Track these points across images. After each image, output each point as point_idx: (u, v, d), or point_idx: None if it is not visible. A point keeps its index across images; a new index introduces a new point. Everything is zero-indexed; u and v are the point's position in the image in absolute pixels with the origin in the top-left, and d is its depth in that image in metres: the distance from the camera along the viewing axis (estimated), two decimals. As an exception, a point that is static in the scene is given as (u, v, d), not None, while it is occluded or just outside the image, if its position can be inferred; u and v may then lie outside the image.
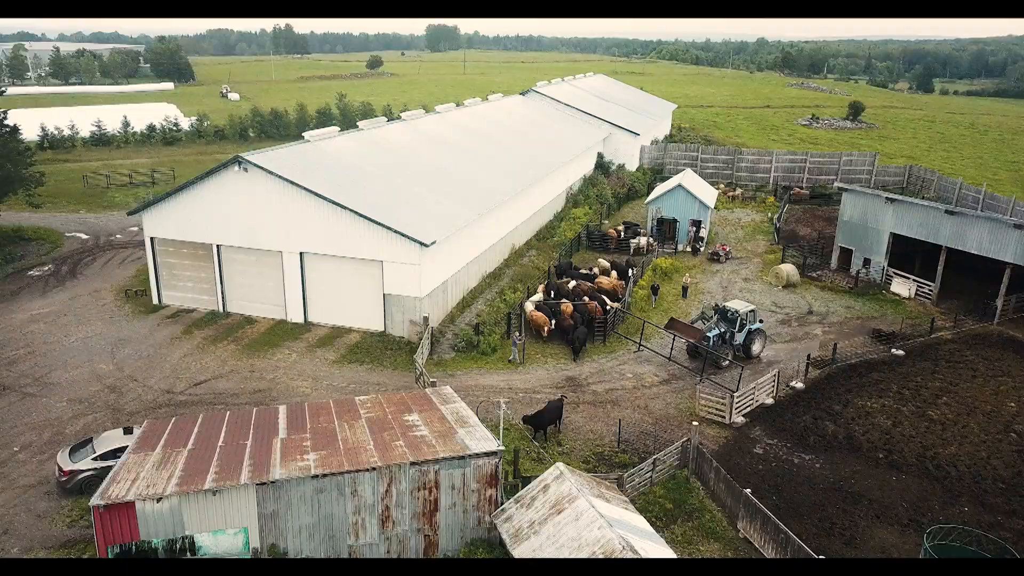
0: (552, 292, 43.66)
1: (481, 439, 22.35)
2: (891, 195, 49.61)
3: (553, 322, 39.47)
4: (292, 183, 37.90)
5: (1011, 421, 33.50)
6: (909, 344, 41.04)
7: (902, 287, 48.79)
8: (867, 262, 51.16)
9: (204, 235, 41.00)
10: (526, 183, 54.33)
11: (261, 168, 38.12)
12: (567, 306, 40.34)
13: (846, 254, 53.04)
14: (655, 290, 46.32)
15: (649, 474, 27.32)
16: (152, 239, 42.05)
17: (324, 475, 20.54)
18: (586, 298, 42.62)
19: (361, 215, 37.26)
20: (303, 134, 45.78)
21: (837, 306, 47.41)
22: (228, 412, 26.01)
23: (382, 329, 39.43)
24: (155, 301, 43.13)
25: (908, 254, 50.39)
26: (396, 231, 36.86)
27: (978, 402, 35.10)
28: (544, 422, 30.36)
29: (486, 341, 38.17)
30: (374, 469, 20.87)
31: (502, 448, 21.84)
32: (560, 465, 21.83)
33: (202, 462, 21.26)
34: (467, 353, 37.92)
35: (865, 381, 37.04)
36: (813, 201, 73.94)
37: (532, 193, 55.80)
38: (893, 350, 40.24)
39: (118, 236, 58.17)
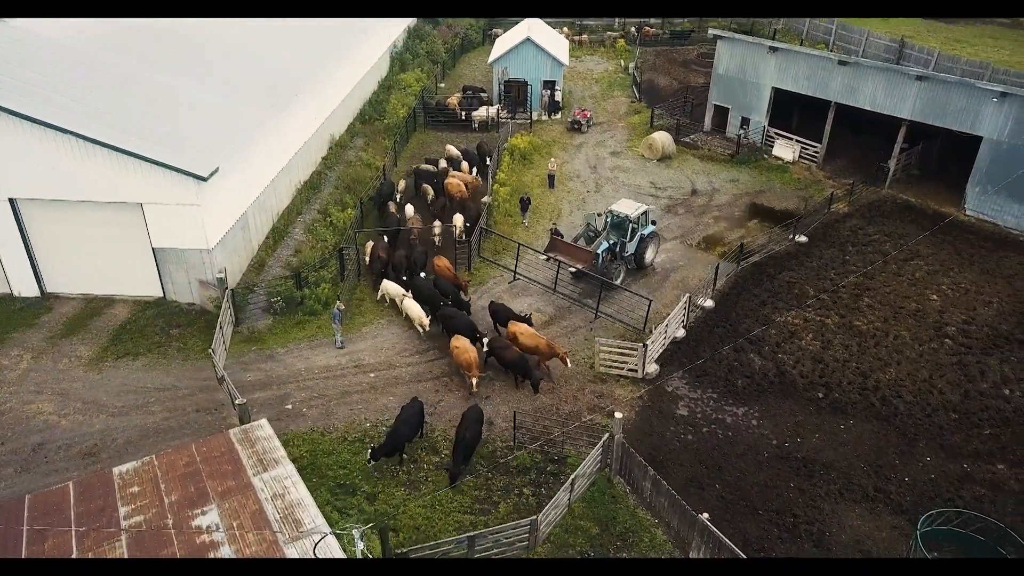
0: (392, 242, 31.84)
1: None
2: (775, 44, 42.56)
3: (486, 351, 25.71)
4: (-31, 96, 24.25)
5: (940, 321, 29.31)
6: (809, 226, 35.82)
7: (785, 150, 43.15)
8: (745, 122, 44.84)
9: None
10: (338, 49, 41.78)
11: (-93, 75, 23.94)
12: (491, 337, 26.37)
13: (721, 113, 46.32)
14: (525, 205, 35.81)
15: (567, 497, 20.15)
16: None
17: None
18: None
19: (95, 141, 24.68)
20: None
21: (721, 180, 41.17)
22: None
23: (160, 295, 28.14)
24: None
25: (784, 109, 44.55)
26: (155, 161, 24.87)
27: (900, 299, 30.63)
28: (401, 442, 21.77)
29: (313, 295, 28.25)
30: None
31: (365, 597, 13.34)
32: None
33: None
34: (289, 316, 27.89)
35: (778, 286, 31.46)
36: (670, 42, 66.07)
37: (348, 61, 43.35)
38: (796, 238, 34.88)
39: None
